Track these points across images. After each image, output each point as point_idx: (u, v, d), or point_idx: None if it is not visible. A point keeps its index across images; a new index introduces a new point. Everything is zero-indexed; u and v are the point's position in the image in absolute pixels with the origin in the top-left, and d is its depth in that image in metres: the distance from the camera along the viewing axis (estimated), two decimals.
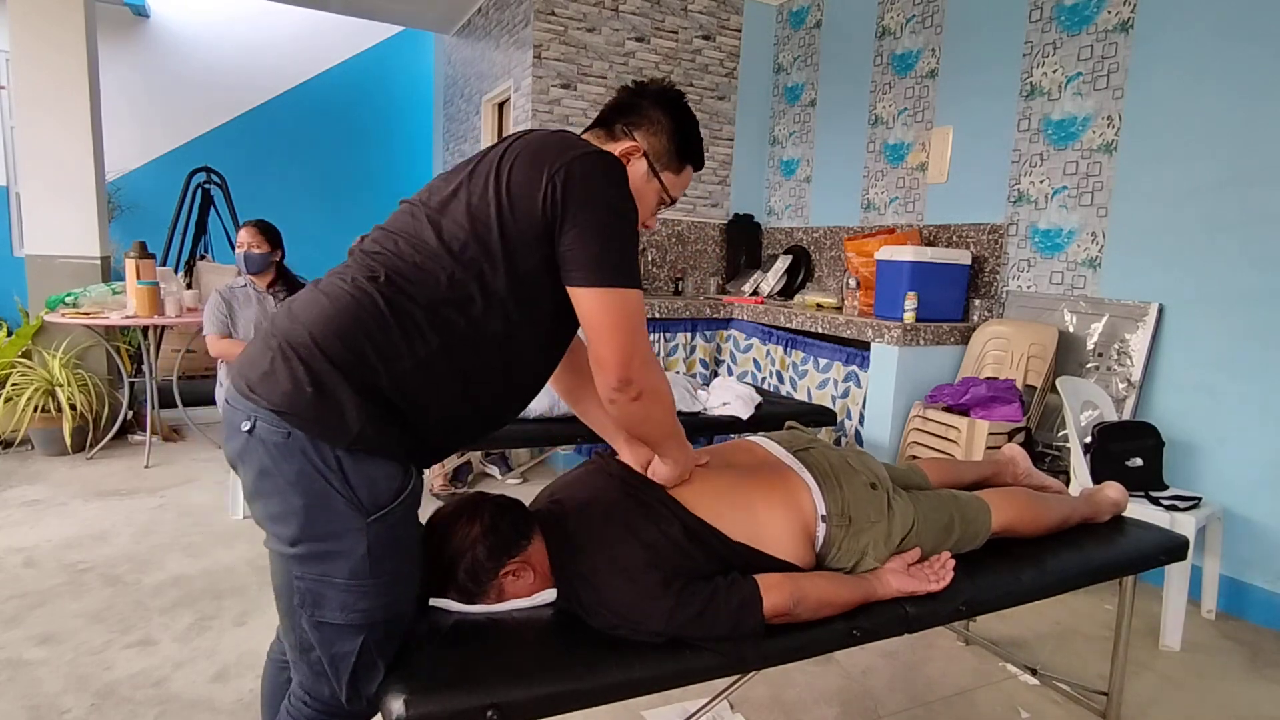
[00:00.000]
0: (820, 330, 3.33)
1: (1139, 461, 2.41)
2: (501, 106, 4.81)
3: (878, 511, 1.39)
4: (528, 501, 1.31)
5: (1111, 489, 1.79)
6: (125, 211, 5.55)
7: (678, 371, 3.72)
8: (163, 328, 4.08)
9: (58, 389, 3.61)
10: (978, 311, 3.28)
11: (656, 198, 1.24)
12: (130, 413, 3.89)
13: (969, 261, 3.27)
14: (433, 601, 1.17)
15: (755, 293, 4.29)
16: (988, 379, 2.76)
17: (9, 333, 4.10)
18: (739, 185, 4.66)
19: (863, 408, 3.08)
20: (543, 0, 3.93)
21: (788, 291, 4.29)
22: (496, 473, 3.60)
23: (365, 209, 6.39)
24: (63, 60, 3.76)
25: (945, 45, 3.50)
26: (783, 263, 4.30)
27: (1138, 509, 2.19)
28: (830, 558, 1.36)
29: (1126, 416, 2.67)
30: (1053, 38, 3.03)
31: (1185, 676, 2.08)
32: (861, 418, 3.09)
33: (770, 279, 4.27)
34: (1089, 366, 2.83)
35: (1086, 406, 2.66)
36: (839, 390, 3.23)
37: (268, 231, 3.13)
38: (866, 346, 3.07)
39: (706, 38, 4.39)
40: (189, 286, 4.16)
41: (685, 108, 1.25)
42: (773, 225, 4.68)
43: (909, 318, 3.02)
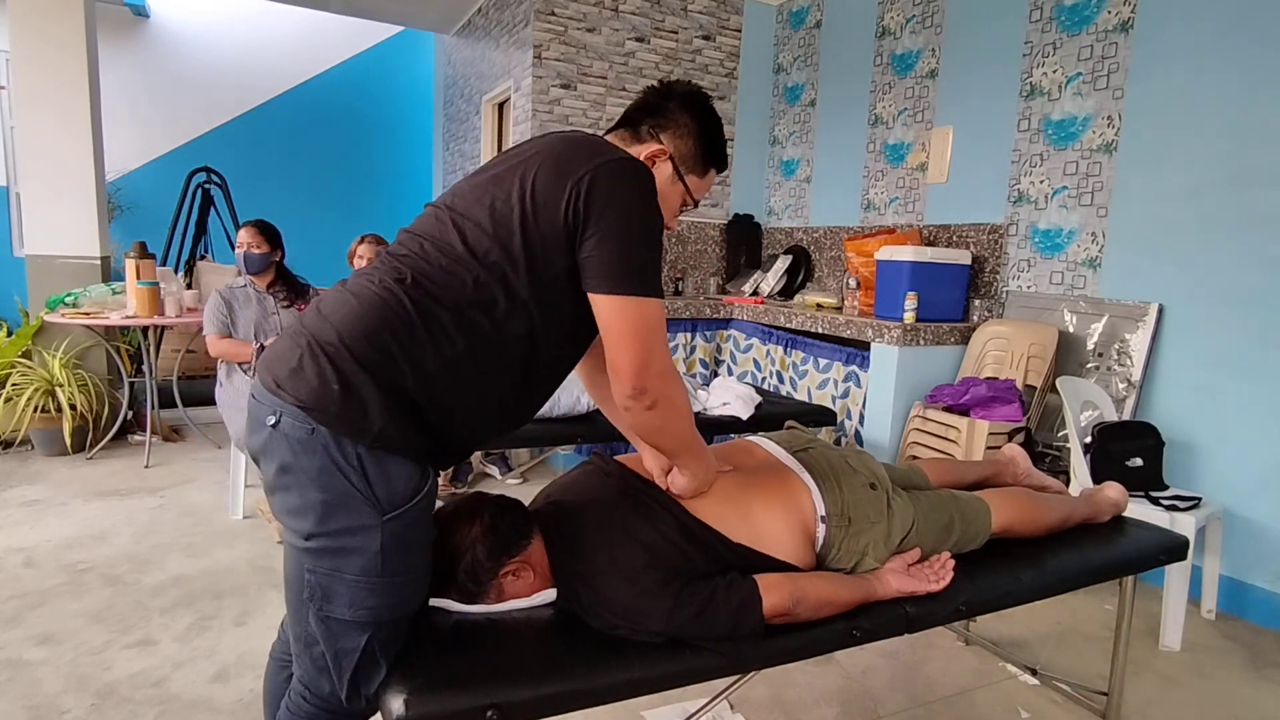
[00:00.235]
0: (820, 330, 3.33)
1: (1139, 461, 2.41)
2: (501, 106, 4.81)
3: (877, 512, 1.39)
4: (527, 502, 1.31)
5: (1111, 489, 1.79)
6: (125, 211, 5.55)
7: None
8: (163, 328, 4.09)
9: (58, 389, 3.61)
10: (978, 311, 3.28)
11: (680, 200, 1.24)
12: (130, 413, 3.89)
13: (969, 261, 3.27)
14: (433, 601, 1.17)
15: (755, 293, 4.29)
16: (988, 379, 2.76)
17: (9, 333, 4.10)
18: (739, 185, 4.66)
19: (863, 408, 3.08)
20: (543, 0, 3.94)
21: (788, 291, 4.29)
22: (496, 473, 3.60)
23: (365, 209, 6.40)
24: (63, 60, 3.76)
25: (945, 45, 3.50)
26: (783, 263, 4.30)
27: (1138, 509, 2.19)
28: (830, 558, 1.36)
29: (1126, 416, 2.67)
30: (1053, 38, 3.03)
31: (1185, 676, 2.08)
32: (861, 418, 3.09)
33: (770, 279, 4.27)
34: (1089, 366, 2.83)
35: (1086, 406, 2.66)
36: (839, 390, 3.22)
37: (267, 231, 3.13)
38: (866, 346, 3.07)
39: (706, 38, 4.39)
40: (189, 286, 4.16)
41: (711, 110, 1.25)
42: (773, 225, 4.68)
43: (909, 318, 3.02)
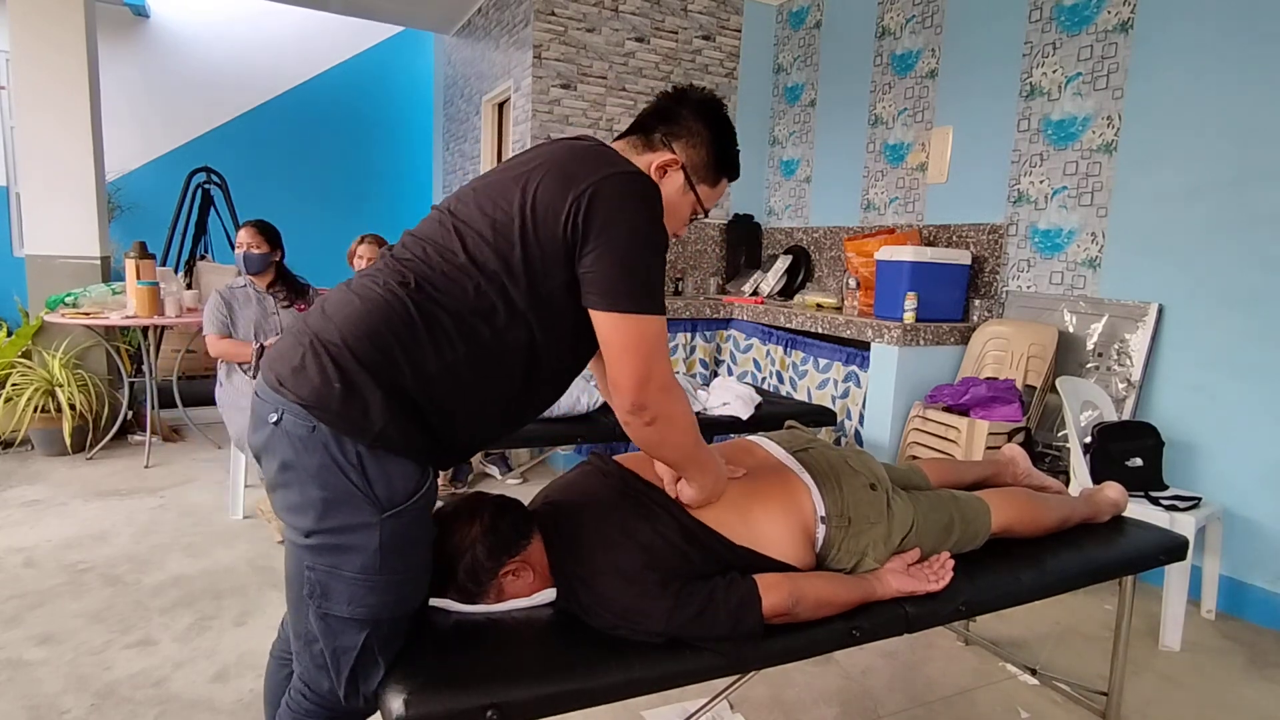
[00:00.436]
0: (820, 330, 3.33)
1: (1139, 461, 2.41)
2: (501, 106, 4.81)
3: (877, 512, 1.38)
4: (527, 502, 1.31)
5: (1111, 489, 1.79)
6: (125, 211, 5.55)
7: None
8: (163, 328, 4.08)
9: (58, 389, 3.61)
10: (977, 311, 3.28)
11: (690, 210, 1.23)
12: (130, 413, 3.89)
13: (969, 261, 3.27)
14: (433, 601, 1.17)
15: (755, 293, 4.29)
16: (988, 379, 2.76)
17: (9, 333, 4.10)
18: (739, 185, 4.64)
19: (863, 408, 3.08)
20: (543, 0, 3.94)
21: (788, 291, 4.29)
22: (496, 473, 3.60)
23: (365, 209, 6.40)
24: (63, 60, 3.76)
25: (945, 45, 3.50)
26: (783, 263, 4.30)
27: (1137, 509, 2.19)
28: (830, 559, 1.36)
29: (1126, 416, 2.66)
30: (1053, 38, 3.03)
31: (1185, 676, 2.08)
32: (861, 418, 3.09)
33: (770, 279, 4.27)
34: (1089, 366, 2.83)
35: (1086, 406, 2.66)
36: (839, 390, 3.22)
37: (267, 232, 3.12)
38: (866, 346, 3.07)
39: (706, 38, 4.39)
40: (189, 286, 4.16)
41: (725, 119, 1.23)
42: (773, 225, 4.68)
43: (909, 318, 3.02)
